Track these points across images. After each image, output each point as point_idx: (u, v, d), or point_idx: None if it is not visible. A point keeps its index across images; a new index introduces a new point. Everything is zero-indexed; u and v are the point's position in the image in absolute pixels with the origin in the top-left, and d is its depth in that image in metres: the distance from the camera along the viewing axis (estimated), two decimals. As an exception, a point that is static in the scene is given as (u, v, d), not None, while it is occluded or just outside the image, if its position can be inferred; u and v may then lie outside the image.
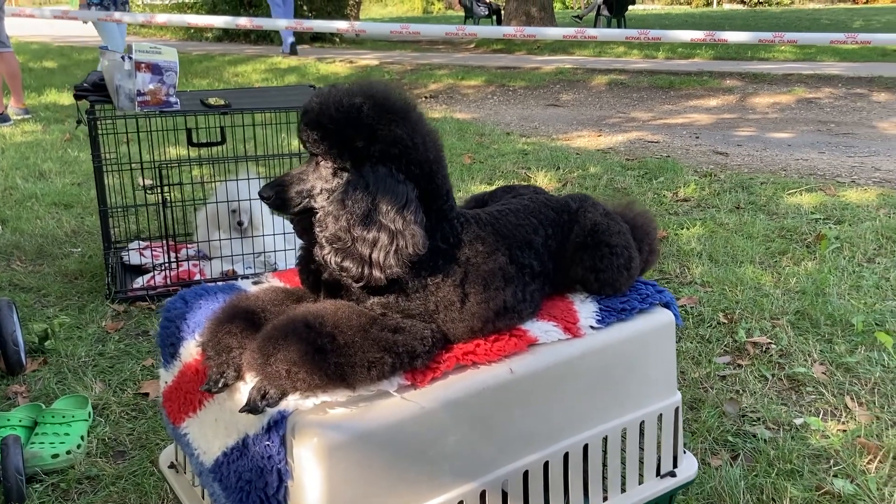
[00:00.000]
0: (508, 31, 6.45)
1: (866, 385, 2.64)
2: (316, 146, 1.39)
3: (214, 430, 1.44)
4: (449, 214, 1.48)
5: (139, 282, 3.33)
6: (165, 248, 3.33)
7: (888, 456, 2.25)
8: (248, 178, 3.39)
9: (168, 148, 4.30)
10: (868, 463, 2.24)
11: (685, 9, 30.17)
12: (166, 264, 3.32)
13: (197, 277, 3.37)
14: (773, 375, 2.72)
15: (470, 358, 1.44)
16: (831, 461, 2.25)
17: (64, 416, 2.33)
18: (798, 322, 3.08)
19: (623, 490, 1.68)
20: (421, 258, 1.39)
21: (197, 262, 3.47)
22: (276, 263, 3.49)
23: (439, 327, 1.44)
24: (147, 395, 2.60)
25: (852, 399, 2.56)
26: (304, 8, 15.26)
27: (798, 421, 2.44)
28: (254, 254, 3.48)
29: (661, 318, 1.68)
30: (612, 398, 1.62)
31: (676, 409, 1.74)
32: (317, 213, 1.41)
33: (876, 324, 3.03)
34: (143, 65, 3.11)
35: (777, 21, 20.80)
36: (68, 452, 2.24)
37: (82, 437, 2.31)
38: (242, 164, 3.51)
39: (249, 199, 3.38)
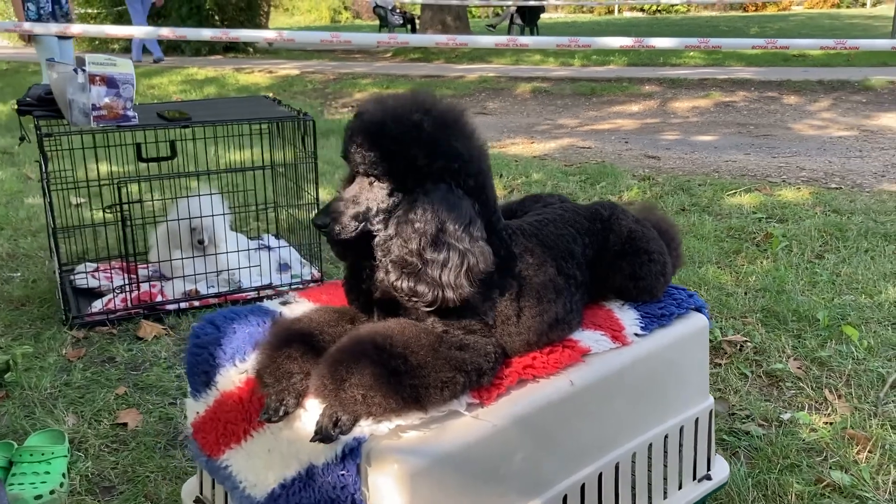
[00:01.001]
0: (441, 39, 6.46)
1: (841, 378, 2.73)
2: (374, 167, 1.31)
3: (267, 461, 1.36)
4: (497, 226, 1.45)
5: (97, 305, 3.15)
6: (126, 268, 3.17)
7: (877, 446, 2.33)
8: (211, 194, 3.25)
9: (104, 164, 4.07)
10: (858, 453, 2.31)
11: (589, 17, 30.92)
12: (126, 286, 3.15)
13: (159, 299, 3.22)
14: (752, 373, 2.79)
15: (530, 372, 1.41)
16: (825, 454, 2.31)
17: (43, 454, 2.19)
18: (766, 319, 3.18)
19: (665, 496, 1.68)
20: None
21: (155, 283, 3.31)
22: (240, 281, 3.37)
23: (497, 341, 1.40)
24: (125, 425, 2.46)
25: (831, 392, 2.64)
26: (217, 18, 14.92)
27: (786, 416, 2.51)
28: (217, 272, 3.34)
29: (696, 323, 1.70)
30: (656, 405, 1.63)
31: (711, 413, 1.75)
32: (374, 235, 1.36)
33: (839, 318, 3.15)
34: (97, 78, 2.95)
35: (679, 28, 21.50)
36: (52, 492, 2.09)
37: (64, 475, 2.16)
38: (203, 179, 3.37)
39: (212, 216, 3.25)
